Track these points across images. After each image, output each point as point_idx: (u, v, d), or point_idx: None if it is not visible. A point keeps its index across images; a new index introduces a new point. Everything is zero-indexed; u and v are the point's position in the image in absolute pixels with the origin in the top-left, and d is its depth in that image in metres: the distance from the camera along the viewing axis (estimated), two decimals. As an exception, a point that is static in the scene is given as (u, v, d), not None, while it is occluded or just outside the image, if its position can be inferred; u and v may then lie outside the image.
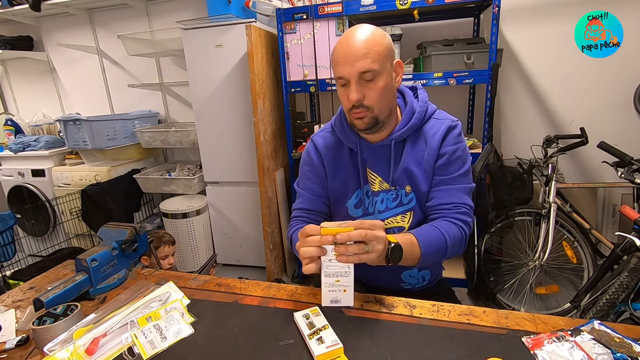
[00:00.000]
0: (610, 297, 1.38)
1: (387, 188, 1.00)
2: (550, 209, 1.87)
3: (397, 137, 0.97)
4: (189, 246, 2.53)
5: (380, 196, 1.01)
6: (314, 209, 1.07)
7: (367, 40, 0.86)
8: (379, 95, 0.90)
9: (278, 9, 2.00)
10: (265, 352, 0.71)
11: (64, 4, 2.64)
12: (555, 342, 0.68)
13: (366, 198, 1.02)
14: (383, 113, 0.93)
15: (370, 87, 0.89)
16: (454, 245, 0.91)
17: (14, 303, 0.96)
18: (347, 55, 0.87)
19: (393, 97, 0.96)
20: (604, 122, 2.12)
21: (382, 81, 0.89)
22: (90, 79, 3.03)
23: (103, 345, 0.71)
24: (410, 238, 0.85)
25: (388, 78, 0.90)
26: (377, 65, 0.87)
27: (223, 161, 2.41)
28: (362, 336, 0.74)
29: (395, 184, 0.99)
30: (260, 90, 2.08)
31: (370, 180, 1.02)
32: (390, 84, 0.92)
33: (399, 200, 1.00)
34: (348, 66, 0.87)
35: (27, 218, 2.73)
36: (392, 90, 0.94)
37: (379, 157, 1.00)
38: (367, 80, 0.88)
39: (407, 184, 0.99)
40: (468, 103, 2.28)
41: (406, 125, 0.97)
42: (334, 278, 0.77)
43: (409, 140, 0.99)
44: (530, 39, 2.13)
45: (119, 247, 1.01)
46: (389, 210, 1.01)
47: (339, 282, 0.77)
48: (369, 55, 0.86)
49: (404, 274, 1.06)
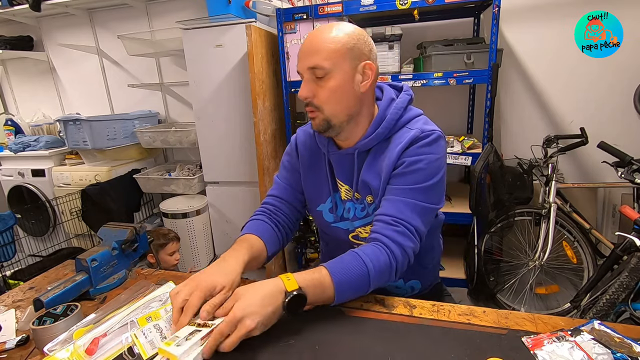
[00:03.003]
0: (610, 297, 1.37)
1: (355, 197, 0.96)
2: (550, 209, 1.87)
3: (360, 147, 0.91)
4: (189, 246, 2.53)
5: (347, 205, 0.98)
6: (285, 199, 1.05)
7: (324, 37, 0.83)
8: (329, 95, 0.84)
9: (278, 9, 2.00)
10: (265, 352, 0.71)
11: (64, 4, 2.64)
12: (555, 342, 0.67)
13: (340, 203, 0.99)
14: (337, 117, 0.86)
15: (321, 86, 0.84)
16: (380, 277, 0.79)
17: (14, 303, 0.96)
18: (303, 49, 0.85)
19: (354, 102, 0.87)
20: (604, 122, 2.12)
21: (333, 81, 0.83)
22: (90, 79, 3.04)
23: (103, 345, 0.71)
24: (318, 277, 0.75)
25: (343, 79, 0.83)
26: (329, 63, 0.82)
27: (223, 161, 2.41)
28: (362, 336, 0.74)
29: (361, 193, 0.94)
30: (260, 90, 2.08)
31: (339, 186, 0.98)
32: (346, 86, 0.84)
33: (366, 212, 0.95)
34: (301, 61, 0.85)
35: (27, 218, 2.73)
36: (350, 93, 0.85)
37: (345, 165, 0.95)
38: (318, 78, 0.84)
39: (368, 195, 0.93)
40: (468, 103, 2.28)
41: (371, 135, 0.89)
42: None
43: (373, 150, 0.91)
44: (530, 39, 2.13)
45: (119, 247, 1.01)
46: (357, 219, 0.97)
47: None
48: (322, 52, 0.82)
49: (389, 285, 1.03)
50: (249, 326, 0.66)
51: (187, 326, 0.72)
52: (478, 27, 2.17)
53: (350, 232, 1.00)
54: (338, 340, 0.73)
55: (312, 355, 0.69)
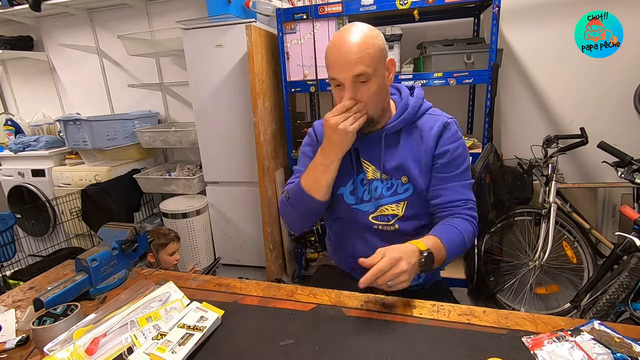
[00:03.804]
0: (610, 297, 1.37)
1: (380, 177, 1.02)
2: (550, 209, 1.87)
3: (388, 130, 0.99)
4: (189, 246, 2.53)
5: (375, 184, 1.03)
6: None
7: (360, 44, 0.87)
8: (372, 96, 0.91)
9: (278, 9, 2.00)
10: (265, 352, 0.71)
11: (64, 4, 2.64)
12: (555, 342, 0.67)
13: (360, 186, 1.04)
14: (376, 112, 0.95)
15: (364, 90, 0.90)
16: (469, 241, 0.95)
17: (14, 303, 0.96)
18: (341, 59, 0.88)
19: (386, 95, 0.98)
20: (604, 122, 2.12)
21: (375, 83, 0.90)
22: (90, 79, 3.03)
23: (103, 345, 0.71)
24: (436, 242, 0.88)
25: (381, 78, 0.92)
26: (371, 68, 0.88)
27: (223, 161, 2.41)
28: (362, 336, 0.74)
29: (388, 174, 1.01)
30: (260, 90, 2.08)
31: (364, 168, 1.04)
32: (382, 84, 0.93)
33: (394, 190, 1.02)
34: (341, 70, 0.89)
35: (27, 218, 2.73)
36: (384, 89, 0.95)
37: (371, 147, 1.02)
38: (361, 82, 0.89)
39: (402, 175, 1.01)
40: (468, 103, 2.28)
41: (398, 119, 0.99)
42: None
43: (404, 133, 1.01)
44: (530, 39, 2.13)
45: (119, 247, 1.01)
46: (384, 197, 1.03)
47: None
48: (363, 59, 0.86)
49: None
50: (403, 267, 0.76)
51: (179, 329, 0.72)
52: (478, 27, 2.17)
53: (371, 213, 1.05)
54: (338, 340, 0.73)
55: (312, 355, 0.69)
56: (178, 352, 0.66)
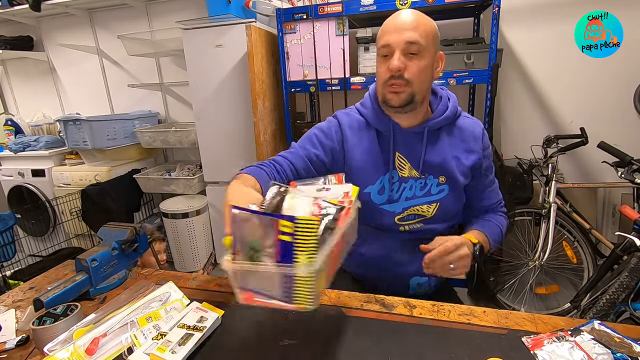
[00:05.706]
0: (610, 297, 1.37)
1: (416, 175, 0.97)
2: (550, 209, 1.87)
3: (431, 125, 0.95)
4: (189, 246, 2.53)
5: (410, 182, 0.98)
6: (296, 167, 0.96)
7: (418, 17, 0.88)
8: (419, 71, 0.88)
9: (278, 9, 2.00)
10: (265, 352, 0.71)
11: (64, 4, 2.63)
12: (555, 342, 0.68)
13: (389, 184, 0.97)
14: (420, 92, 0.90)
15: (414, 62, 0.87)
16: (504, 235, 1.06)
17: (14, 303, 0.96)
18: (397, 24, 0.88)
19: (429, 85, 0.94)
20: (604, 122, 2.12)
21: (425, 60, 0.88)
22: (90, 79, 3.03)
23: (103, 345, 0.71)
24: (483, 237, 0.97)
25: (431, 60, 0.89)
26: (424, 41, 0.86)
27: (223, 161, 2.41)
28: (362, 336, 0.74)
29: (426, 172, 0.97)
30: (260, 90, 2.08)
31: (400, 165, 0.98)
32: (430, 68, 0.90)
33: (427, 190, 0.98)
34: (396, 34, 0.87)
35: (27, 218, 2.73)
36: (430, 75, 0.91)
37: (411, 142, 0.97)
38: (411, 54, 0.87)
39: (440, 175, 0.97)
40: (468, 103, 2.28)
41: (442, 115, 0.96)
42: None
43: (445, 131, 0.98)
44: (530, 39, 2.13)
45: (119, 247, 1.01)
46: (416, 198, 0.98)
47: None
48: (419, 28, 0.86)
49: (413, 281, 1.04)
50: (465, 252, 0.86)
51: (179, 329, 0.72)
52: (478, 27, 2.17)
53: (398, 214, 0.98)
54: (338, 340, 0.73)
55: (312, 355, 0.69)
56: (178, 352, 0.66)
